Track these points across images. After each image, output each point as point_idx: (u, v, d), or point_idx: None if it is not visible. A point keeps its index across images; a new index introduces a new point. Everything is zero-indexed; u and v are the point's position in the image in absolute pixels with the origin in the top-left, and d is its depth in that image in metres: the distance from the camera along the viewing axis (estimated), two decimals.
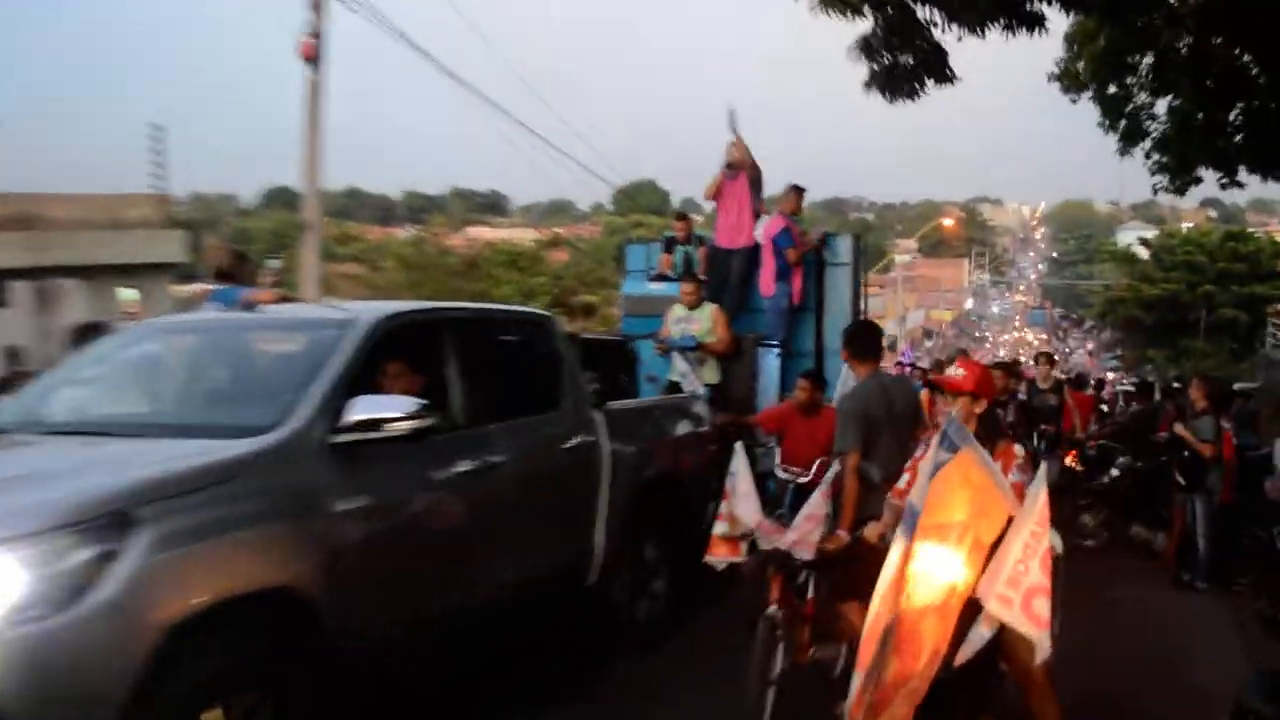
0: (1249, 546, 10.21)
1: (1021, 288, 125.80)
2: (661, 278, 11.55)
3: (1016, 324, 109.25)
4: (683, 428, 8.01)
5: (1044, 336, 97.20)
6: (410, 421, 4.76)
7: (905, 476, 5.13)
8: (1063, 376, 14.87)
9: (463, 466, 5.40)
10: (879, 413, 6.25)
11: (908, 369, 18.80)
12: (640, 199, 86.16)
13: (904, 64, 11.69)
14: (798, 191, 11.53)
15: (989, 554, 4.19)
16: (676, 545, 7.33)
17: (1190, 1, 8.80)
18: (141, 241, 18.01)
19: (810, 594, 5.81)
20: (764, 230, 10.97)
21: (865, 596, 4.62)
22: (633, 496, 6.85)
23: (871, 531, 5.20)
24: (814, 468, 7.78)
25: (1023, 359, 64.07)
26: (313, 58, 14.28)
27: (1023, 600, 4.05)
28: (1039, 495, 4.18)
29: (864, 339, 6.71)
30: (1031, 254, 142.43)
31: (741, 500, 5.92)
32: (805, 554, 5.56)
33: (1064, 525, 10.70)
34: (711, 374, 10.04)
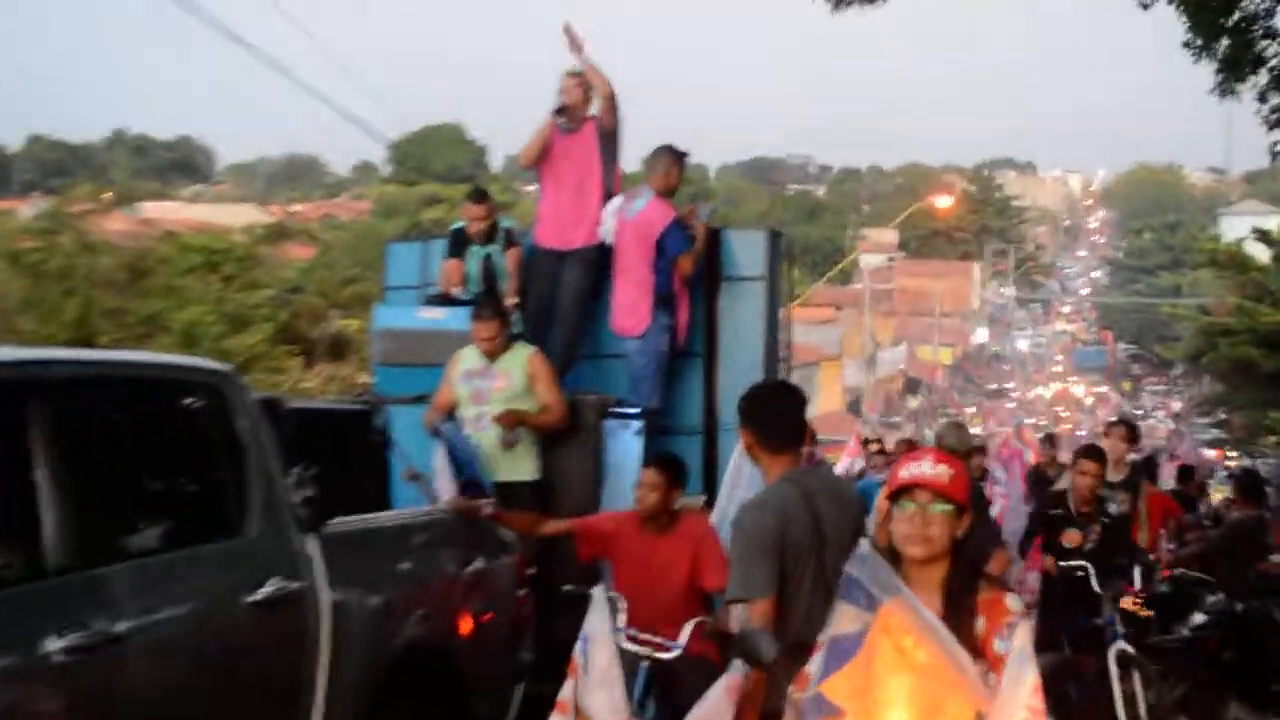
0: None
1: (1067, 309, 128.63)
2: (444, 300, 11.20)
3: (1058, 367, 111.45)
4: (466, 560, 7.79)
5: (1102, 389, 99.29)
6: None
7: (816, 656, 4.96)
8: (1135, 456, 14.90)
9: (55, 644, 5.06)
10: (801, 538, 6.08)
11: (871, 451, 18.91)
12: (436, 157, 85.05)
13: None
14: (676, 159, 11.18)
15: None
16: None
17: None
18: None
19: None
20: (632, 222, 10.81)
21: None
22: (374, 682, 6.65)
23: None
24: (685, 634, 7.46)
25: (1058, 426, 64.56)
26: None
27: None
28: (1023, 674, 4.12)
29: (777, 411, 6.51)
30: (1083, 253, 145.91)
31: (597, 684, 5.97)
32: None
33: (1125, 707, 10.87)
34: (525, 466, 9.90)
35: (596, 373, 11.08)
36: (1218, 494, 28.12)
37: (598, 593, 6.25)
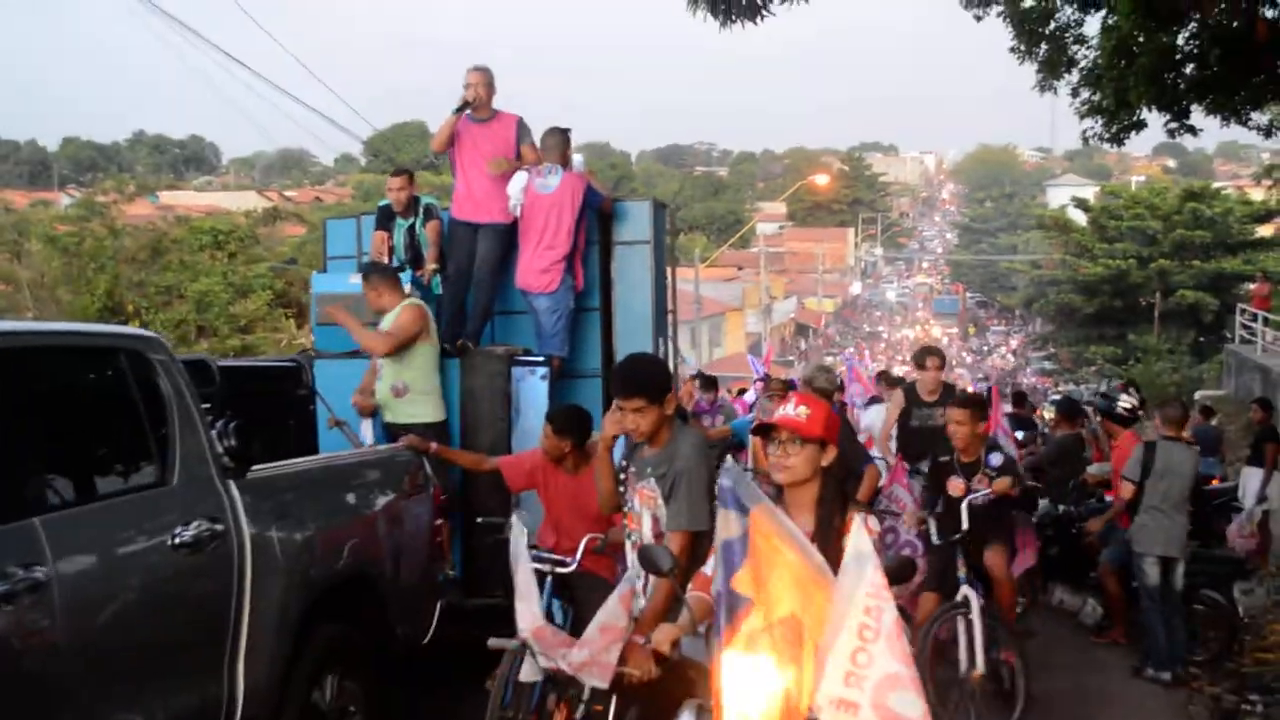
0: (1203, 615, 10.62)
1: (925, 265, 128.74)
2: (376, 269, 10.28)
3: (920, 313, 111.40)
4: (384, 496, 7.23)
5: (954, 331, 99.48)
6: None
7: (715, 559, 4.69)
8: (957, 384, 14.44)
9: None
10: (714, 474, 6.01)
11: (757, 384, 18.45)
12: (405, 149, 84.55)
13: None
14: (565, 137, 10.56)
15: None
16: (378, 674, 6.72)
17: None
18: None
19: None
20: (549, 196, 10.07)
21: None
22: (298, 608, 6.13)
23: (663, 636, 4.92)
24: (580, 551, 7.18)
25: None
26: None
27: (873, 700, 3.79)
28: (864, 558, 3.89)
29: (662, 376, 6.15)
30: (937, 219, 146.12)
31: (520, 595, 5.62)
32: (598, 680, 5.23)
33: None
34: (420, 410, 9.23)
35: (507, 325, 10.49)
36: (1048, 414, 27.93)
37: (515, 520, 5.90)
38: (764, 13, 11.84)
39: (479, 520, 8.33)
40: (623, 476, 6.07)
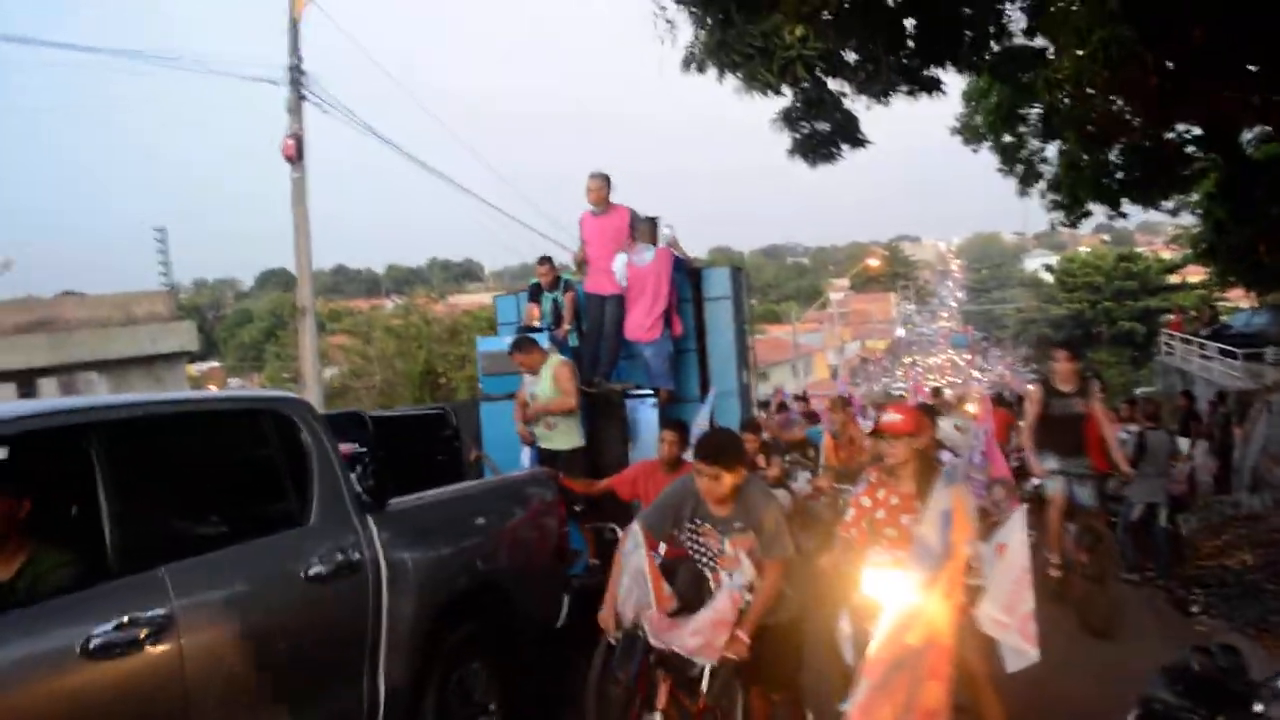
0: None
1: (944, 314, 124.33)
2: (528, 329, 9.05)
3: (940, 346, 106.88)
4: (512, 515, 5.59)
5: (968, 357, 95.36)
6: None
7: (851, 511, 4.81)
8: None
9: (104, 632, 3.22)
10: None
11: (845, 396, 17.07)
12: None
13: (821, 132, 11.44)
14: (652, 223, 8.95)
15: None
16: (511, 661, 5.15)
17: (1065, 68, 8.22)
18: (155, 334, 16.65)
19: (704, 690, 4.49)
20: (647, 268, 8.56)
21: (768, 679, 4.61)
22: (434, 616, 4.59)
23: (828, 561, 4.86)
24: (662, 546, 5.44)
25: (943, 379, 61.45)
26: (294, 157, 13.66)
27: (1020, 624, 3.97)
28: (1021, 541, 4.08)
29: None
30: (950, 283, 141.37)
31: (635, 585, 4.44)
32: (710, 659, 4.35)
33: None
34: (563, 439, 7.86)
35: (627, 365, 8.93)
36: None
37: (635, 528, 4.59)
38: (837, 156, 11.79)
39: (595, 526, 6.97)
40: (692, 528, 4.72)
